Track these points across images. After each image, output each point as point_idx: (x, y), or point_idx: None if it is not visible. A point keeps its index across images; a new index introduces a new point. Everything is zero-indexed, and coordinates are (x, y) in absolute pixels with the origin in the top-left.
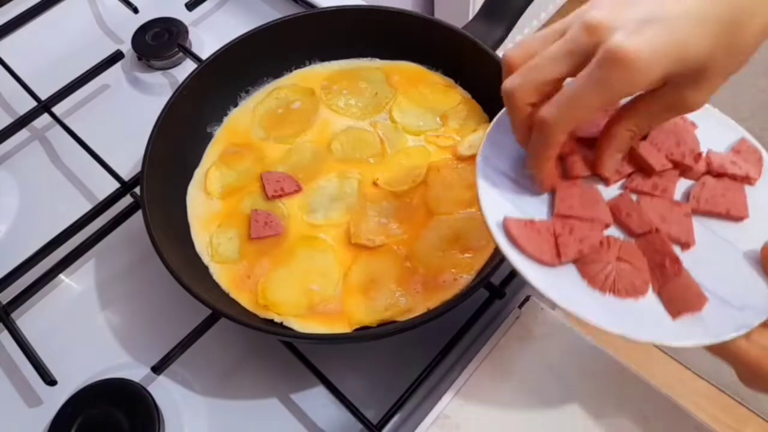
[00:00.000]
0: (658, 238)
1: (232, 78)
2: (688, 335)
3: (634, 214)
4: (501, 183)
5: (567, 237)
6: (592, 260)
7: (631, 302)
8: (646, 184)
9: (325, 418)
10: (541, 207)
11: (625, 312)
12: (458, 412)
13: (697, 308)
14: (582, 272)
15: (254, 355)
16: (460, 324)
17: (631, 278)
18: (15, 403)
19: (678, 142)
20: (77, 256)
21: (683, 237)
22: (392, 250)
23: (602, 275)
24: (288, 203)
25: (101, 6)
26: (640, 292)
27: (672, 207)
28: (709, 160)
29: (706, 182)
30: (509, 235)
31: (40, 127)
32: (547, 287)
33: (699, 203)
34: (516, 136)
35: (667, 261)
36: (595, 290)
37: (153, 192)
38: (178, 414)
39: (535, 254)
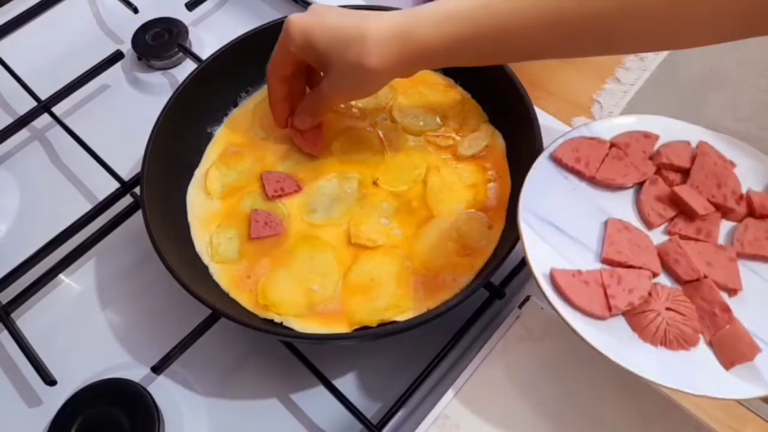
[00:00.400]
0: (706, 285)
1: (232, 78)
2: (743, 387)
3: (682, 261)
4: (545, 232)
5: (616, 288)
6: (642, 311)
7: (683, 354)
8: (690, 229)
9: (325, 418)
10: (588, 256)
11: (678, 364)
12: (458, 412)
13: (750, 358)
14: (631, 324)
15: (254, 355)
16: (460, 324)
17: (682, 328)
18: (15, 403)
19: (719, 183)
20: (77, 256)
21: (730, 283)
22: (392, 250)
23: (653, 327)
24: (288, 203)
25: (101, 6)
26: (692, 343)
27: (717, 252)
28: (749, 201)
29: (748, 225)
30: (557, 287)
31: (40, 127)
32: (601, 343)
33: (743, 246)
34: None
35: (717, 309)
36: (647, 342)
37: (153, 192)
38: (178, 414)
39: (584, 307)
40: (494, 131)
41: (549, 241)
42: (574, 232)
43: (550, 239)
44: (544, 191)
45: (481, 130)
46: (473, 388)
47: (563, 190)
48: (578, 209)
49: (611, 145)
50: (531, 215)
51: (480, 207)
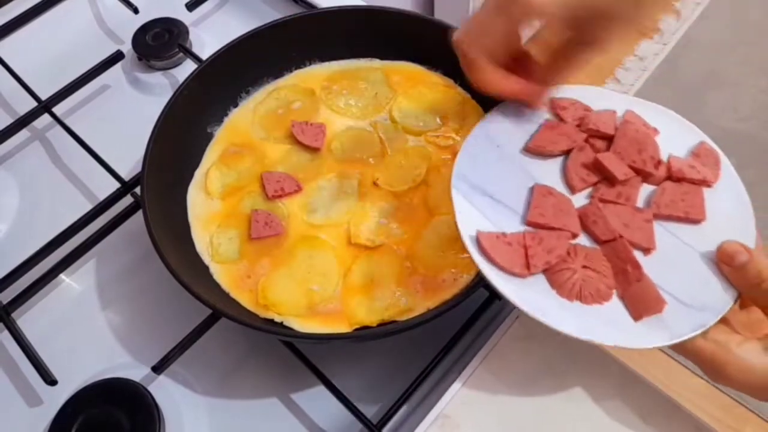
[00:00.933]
0: (621, 244)
1: (233, 78)
2: (650, 337)
3: (600, 222)
4: (474, 197)
5: (536, 248)
6: (560, 269)
7: (597, 308)
8: (611, 193)
9: (325, 418)
10: (514, 220)
11: (591, 318)
12: (458, 411)
13: (657, 311)
14: (550, 281)
15: (254, 354)
16: (460, 324)
17: (596, 285)
18: (15, 403)
19: (640, 149)
20: (78, 256)
21: (644, 242)
22: (392, 250)
23: (569, 283)
24: (288, 203)
25: (101, 6)
26: (605, 298)
27: (634, 213)
28: (669, 166)
29: (665, 188)
30: (481, 248)
31: (41, 128)
32: (519, 298)
33: (659, 208)
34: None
35: (629, 267)
36: (563, 298)
37: (153, 192)
38: (179, 414)
39: (506, 266)
40: None
41: (478, 206)
42: (502, 198)
43: (479, 205)
44: (476, 159)
45: None
46: (473, 388)
47: (494, 158)
48: (508, 176)
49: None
50: (462, 182)
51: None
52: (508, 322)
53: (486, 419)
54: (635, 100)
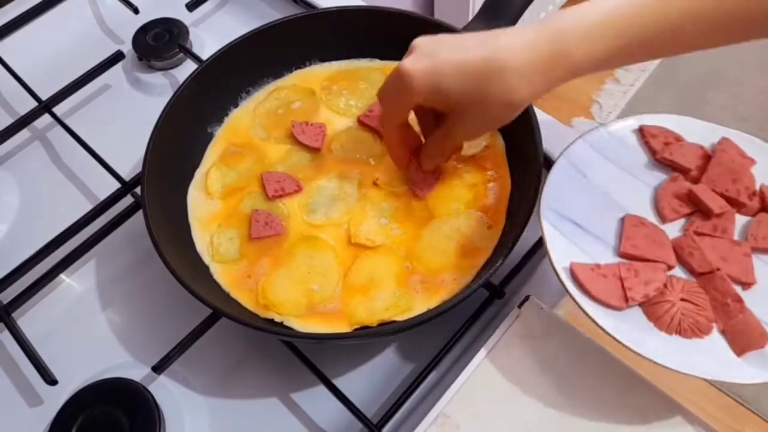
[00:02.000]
0: (719, 277)
1: (233, 78)
2: (755, 373)
3: (696, 254)
4: (565, 228)
5: (633, 280)
6: (658, 302)
7: (697, 342)
8: (707, 226)
9: (325, 418)
10: (606, 251)
11: (692, 352)
12: (458, 411)
13: (761, 345)
14: (648, 314)
15: (254, 354)
16: (460, 324)
17: (696, 318)
18: (16, 403)
19: (734, 179)
20: (78, 256)
21: (744, 277)
22: (392, 250)
23: (668, 317)
24: (288, 203)
25: (102, 6)
26: (705, 332)
27: (732, 247)
28: (762, 196)
29: (761, 220)
30: (576, 280)
31: (41, 128)
32: (618, 332)
33: (757, 241)
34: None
35: (730, 300)
36: (662, 332)
37: (153, 192)
38: (179, 413)
39: (602, 298)
40: (494, 132)
41: (569, 236)
42: (592, 228)
43: (569, 235)
44: (563, 190)
45: None
46: (473, 388)
47: (581, 188)
48: (597, 205)
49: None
50: (552, 213)
51: (480, 207)
52: (508, 322)
53: (486, 419)
54: (733, 131)
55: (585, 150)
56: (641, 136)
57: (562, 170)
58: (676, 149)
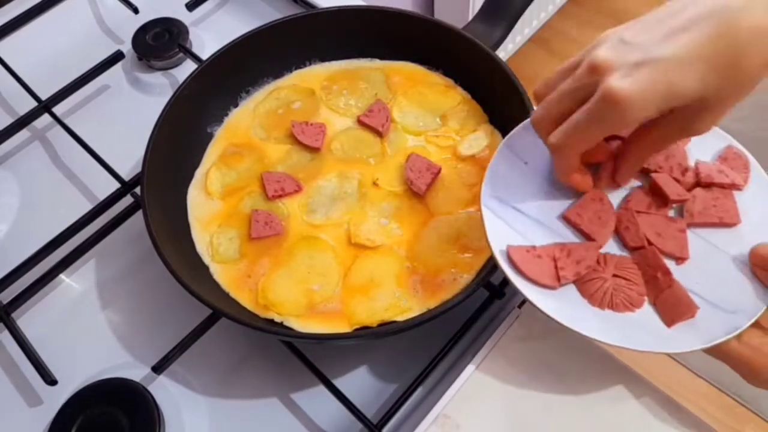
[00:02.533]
0: (650, 252)
1: (233, 78)
2: (683, 342)
3: (632, 228)
4: (504, 212)
5: (565, 260)
6: (591, 278)
7: (629, 315)
8: (642, 203)
9: (325, 418)
10: (544, 233)
11: (623, 325)
12: (458, 411)
13: (689, 316)
14: (581, 291)
15: (254, 354)
16: (460, 324)
17: (627, 292)
18: (15, 403)
19: (667, 156)
20: (77, 256)
21: (678, 252)
22: (392, 250)
23: (600, 292)
24: (288, 203)
25: (101, 6)
26: (637, 305)
27: (668, 223)
28: (697, 171)
29: (696, 195)
30: (512, 262)
31: (41, 128)
32: (551, 309)
33: (693, 217)
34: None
35: (660, 274)
36: (595, 307)
37: (153, 192)
38: (179, 414)
39: (536, 278)
40: (494, 131)
41: (507, 221)
42: (531, 212)
43: (508, 219)
44: (505, 176)
45: (481, 130)
46: (473, 388)
47: (522, 174)
48: (536, 190)
49: None
50: (492, 199)
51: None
52: (508, 322)
53: (486, 419)
54: None
55: (525, 137)
56: None
57: (503, 157)
58: None
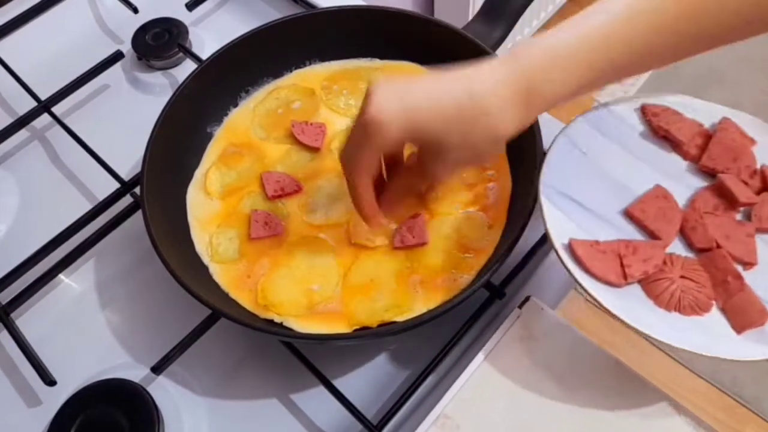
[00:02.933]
0: (719, 254)
1: (232, 78)
2: (754, 350)
3: (699, 229)
4: (564, 205)
5: (631, 257)
6: (657, 278)
7: (696, 319)
8: (709, 204)
9: (325, 418)
10: (605, 228)
11: (691, 329)
12: (458, 412)
13: (761, 323)
14: (647, 291)
15: (254, 355)
16: (460, 324)
17: (695, 295)
18: (14, 403)
19: (734, 157)
20: (77, 256)
21: (746, 257)
22: (392, 250)
23: (667, 294)
24: (288, 203)
25: (101, 6)
26: (705, 309)
27: (736, 226)
28: (764, 176)
29: (765, 200)
30: (575, 256)
31: (40, 127)
32: (617, 308)
33: (761, 222)
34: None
35: (730, 278)
36: (661, 308)
37: (153, 192)
38: (178, 414)
39: (601, 275)
40: None
41: (567, 213)
42: (591, 205)
43: (568, 212)
44: (562, 168)
45: None
46: (473, 388)
47: (581, 165)
48: (596, 183)
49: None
50: (550, 190)
51: (480, 207)
52: (508, 322)
53: (486, 419)
54: (734, 111)
55: (585, 128)
56: (643, 114)
57: (562, 148)
58: (673, 123)
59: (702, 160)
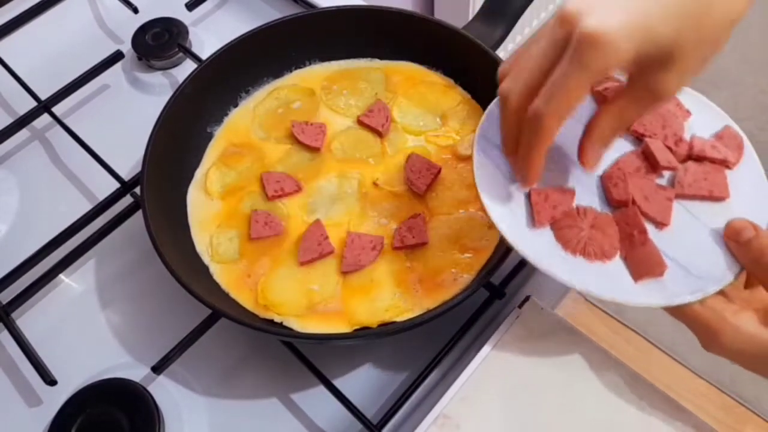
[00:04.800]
0: (632, 210)
1: (232, 78)
2: (647, 297)
3: (621, 184)
4: (493, 153)
5: (542, 204)
6: (568, 226)
7: (599, 264)
8: (632, 166)
9: (325, 418)
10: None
11: (592, 273)
12: (458, 412)
13: (658, 274)
14: (557, 236)
15: (254, 355)
16: (460, 324)
17: (601, 243)
18: (15, 403)
19: (664, 125)
20: (77, 256)
21: (660, 217)
22: (392, 250)
23: (575, 239)
24: (288, 203)
25: (101, 6)
26: (608, 257)
27: (656, 189)
28: (691, 145)
29: (688, 167)
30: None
31: (40, 127)
32: (523, 246)
33: (683, 188)
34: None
35: (636, 231)
36: (567, 252)
37: (153, 192)
38: (179, 414)
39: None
40: None
41: (495, 161)
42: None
43: (497, 160)
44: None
45: None
46: (473, 388)
47: None
48: None
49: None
50: (483, 140)
51: (480, 207)
52: (508, 322)
53: (486, 419)
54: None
55: None
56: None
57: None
58: (611, 88)
59: (632, 125)
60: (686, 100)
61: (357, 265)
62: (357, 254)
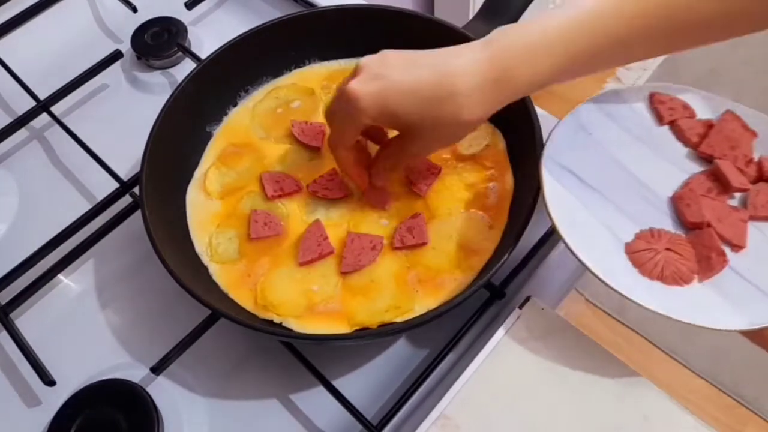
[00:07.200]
0: (707, 233)
1: (232, 77)
2: (730, 321)
3: (693, 206)
4: (563, 178)
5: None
6: (642, 249)
7: (677, 289)
8: (703, 187)
9: (325, 419)
10: (599, 201)
11: (672, 297)
12: (458, 412)
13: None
14: (633, 261)
15: (254, 355)
16: (460, 324)
17: (678, 266)
18: (14, 404)
19: (732, 146)
20: (76, 256)
21: (735, 239)
22: (392, 250)
23: (651, 263)
24: (288, 203)
25: (100, 5)
26: (686, 281)
27: (729, 211)
28: (760, 166)
29: (760, 189)
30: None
31: (39, 127)
32: (602, 271)
33: (756, 209)
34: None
35: (714, 254)
36: (644, 277)
37: (152, 192)
38: (178, 414)
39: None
40: (494, 130)
41: (567, 187)
42: (591, 181)
43: (567, 185)
44: (566, 144)
45: (481, 129)
46: (473, 388)
47: (585, 144)
48: (598, 161)
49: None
50: (552, 163)
51: (480, 206)
52: (508, 323)
53: (487, 420)
54: (737, 105)
55: (592, 110)
56: (650, 102)
57: (568, 126)
58: (677, 111)
59: (701, 146)
60: (750, 119)
61: (357, 266)
62: (357, 254)
